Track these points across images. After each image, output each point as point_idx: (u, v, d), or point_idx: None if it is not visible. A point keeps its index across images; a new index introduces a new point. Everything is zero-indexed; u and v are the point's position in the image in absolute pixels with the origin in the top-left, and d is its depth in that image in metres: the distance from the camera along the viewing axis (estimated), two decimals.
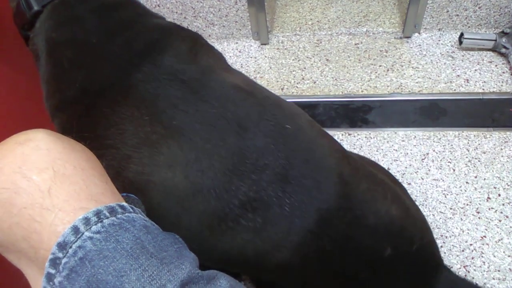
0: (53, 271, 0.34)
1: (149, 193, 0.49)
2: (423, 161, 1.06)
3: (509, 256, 0.88)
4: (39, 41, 0.57)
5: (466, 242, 0.91)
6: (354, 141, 1.12)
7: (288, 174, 0.51)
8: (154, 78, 0.52)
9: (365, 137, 1.13)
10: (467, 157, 1.05)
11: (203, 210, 0.48)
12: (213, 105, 0.52)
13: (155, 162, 0.49)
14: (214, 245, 0.47)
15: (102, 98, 0.52)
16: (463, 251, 0.90)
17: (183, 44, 0.57)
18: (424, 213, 0.95)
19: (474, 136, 1.09)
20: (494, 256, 0.88)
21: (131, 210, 0.38)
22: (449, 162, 1.05)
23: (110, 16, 0.57)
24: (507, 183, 0.99)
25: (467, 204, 0.97)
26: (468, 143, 1.08)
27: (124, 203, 0.39)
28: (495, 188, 0.99)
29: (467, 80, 1.23)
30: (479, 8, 1.30)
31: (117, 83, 0.52)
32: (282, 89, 1.27)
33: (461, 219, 0.94)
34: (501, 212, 0.94)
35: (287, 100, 0.61)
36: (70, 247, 0.34)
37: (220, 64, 0.60)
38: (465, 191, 0.99)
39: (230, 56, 1.40)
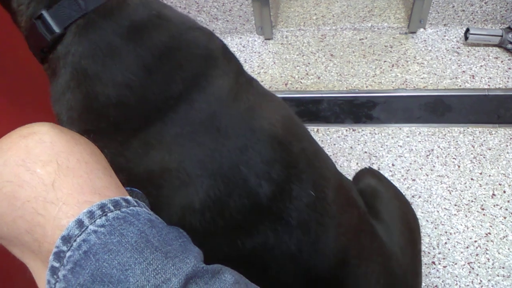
0: (57, 265, 0.34)
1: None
2: (428, 157, 1.05)
3: None
4: (63, 66, 0.53)
5: (470, 238, 0.90)
6: (358, 137, 1.12)
7: (290, 244, 0.52)
8: (188, 123, 0.50)
9: (370, 133, 1.12)
10: (472, 154, 1.04)
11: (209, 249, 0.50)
12: (243, 159, 0.51)
13: (171, 201, 0.50)
14: None
15: (136, 138, 0.50)
16: (467, 247, 0.89)
17: (225, 81, 0.54)
18: (429, 210, 0.95)
19: (480, 132, 1.08)
20: (499, 253, 0.88)
21: (135, 203, 0.38)
22: (454, 158, 1.04)
23: (145, 45, 0.52)
24: None
25: (472, 201, 0.96)
26: (473, 139, 1.07)
27: (128, 197, 0.38)
28: (500, 184, 0.98)
29: (473, 76, 1.22)
30: (485, 3, 1.29)
31: (152, 125, 0.50)
32: (286, 84, 1.26)
33: (466, 216, 0.94)
34: (506, 209, 0.94)
35: (291, 95, 0.60)
36: (75, 240, 0.33)
37: (259, 100, 0.57)
38: (470, 187, 0.98)
39: (234, 51, 1.39)
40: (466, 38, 1.27)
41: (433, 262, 0.88)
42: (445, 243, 0.90)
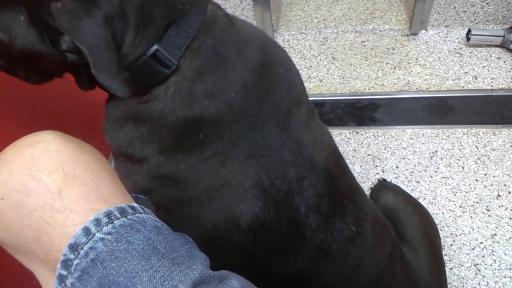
0: (64, 273, 0.34)
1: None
2: (431, 159, 1.05)
3: None
4: (172, 93, 0.49)
5: (476, 240, 0.90)
6: (361, 139, 1.12)
7: (325, 276, 0.55)
8: (263, 147, 0.51)
9: (373, 136, 1.12)
10: (476, 155, 1.04)
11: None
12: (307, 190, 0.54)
13: (218, 215, 0.52)
14: None
15: (215, 158, 0.50)
16: (473, 249, 0.89)
17: (301, 112, 0.55)
18: (434, 212, 0.94)
19: (483, 133, 1.08)
20: (505, 254, 0.87)
21: (141, 210, 0.38)
22: (458, 159, 1.04)
23: (244, 61, 0.52)
24: None
25: (477, 202, 0.96)
26: (477, 140, 1.07)
27: (135, 204, 0.38)
28: (505, 185, 0.98)
29: (475, 77, 1.22)
30: (486, 4, 1.29)
31: (234, 147, 0.50)
32: None
33: (471, 217, 0.93)
34: None
35: None
36: (82, 248, 0.34)
37: (319, 129, 0.59)
38: (475, 189, 0.98)
39: None
40: (468, 39, 1.27)
41: None
42: (451, 245, 0.90)
